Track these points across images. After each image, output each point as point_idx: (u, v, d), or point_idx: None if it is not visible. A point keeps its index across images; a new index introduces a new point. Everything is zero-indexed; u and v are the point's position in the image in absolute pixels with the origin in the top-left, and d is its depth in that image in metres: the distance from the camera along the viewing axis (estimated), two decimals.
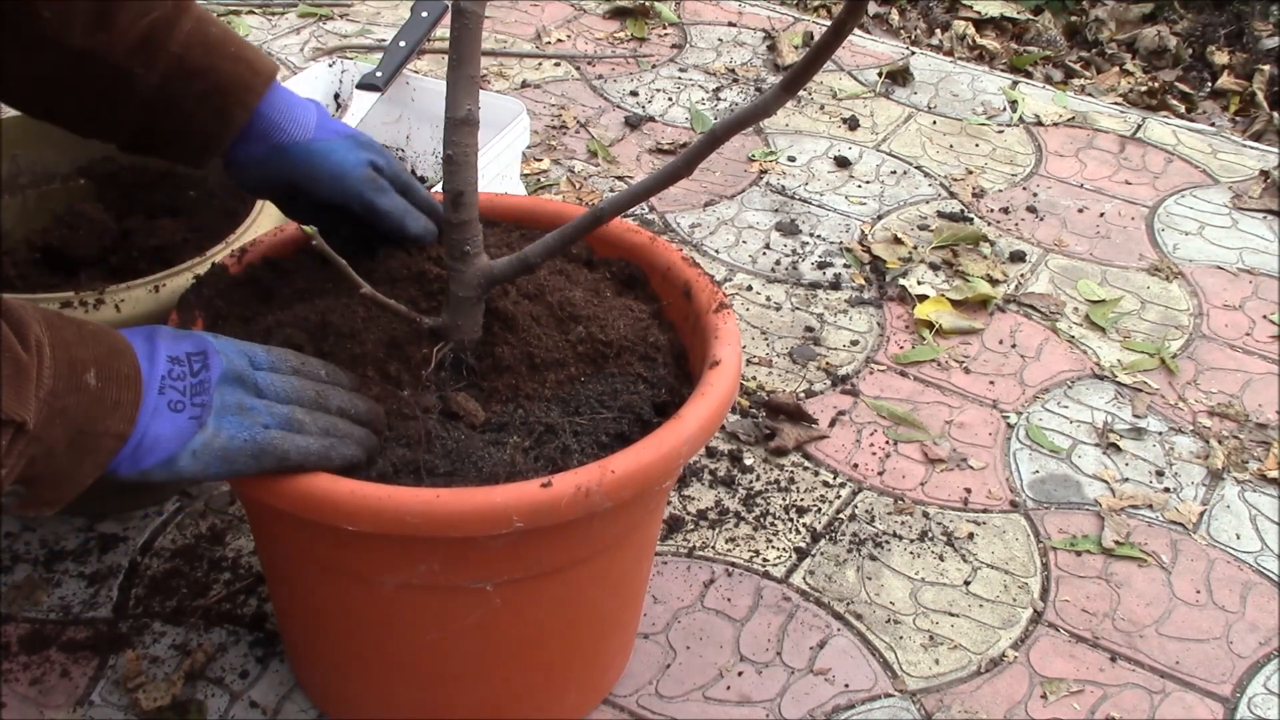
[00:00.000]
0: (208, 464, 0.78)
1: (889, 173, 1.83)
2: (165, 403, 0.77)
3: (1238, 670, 1.13)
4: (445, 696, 0.97)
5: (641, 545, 0.99)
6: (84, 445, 0.73)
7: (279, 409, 0.81)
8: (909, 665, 1.11)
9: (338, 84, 1.63)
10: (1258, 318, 1.59)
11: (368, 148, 0.98)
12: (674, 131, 1.90)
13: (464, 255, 0.89)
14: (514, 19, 2.21)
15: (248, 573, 1.15)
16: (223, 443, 0.78)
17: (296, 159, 0.96)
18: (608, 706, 1.06)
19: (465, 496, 0.80)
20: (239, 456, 0.79)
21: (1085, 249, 1.70)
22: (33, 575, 1.14)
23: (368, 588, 0.89)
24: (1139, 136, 1.97)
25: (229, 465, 0.79)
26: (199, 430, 0.78)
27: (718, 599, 1.17)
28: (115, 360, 0.76)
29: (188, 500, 1.23)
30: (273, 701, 1.05)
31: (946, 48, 2.36)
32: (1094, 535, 1.26)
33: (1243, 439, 1.39)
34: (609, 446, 0.87)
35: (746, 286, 1.58)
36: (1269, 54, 2.30)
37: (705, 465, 1.31)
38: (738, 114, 0.80)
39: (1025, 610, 1.18)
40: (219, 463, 0.78)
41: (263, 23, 2.13)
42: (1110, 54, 2.38)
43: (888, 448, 1.35)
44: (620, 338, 0.95)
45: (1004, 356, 1.49)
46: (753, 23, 2.24)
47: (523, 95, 1.96)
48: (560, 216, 1.06)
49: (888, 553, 1.22)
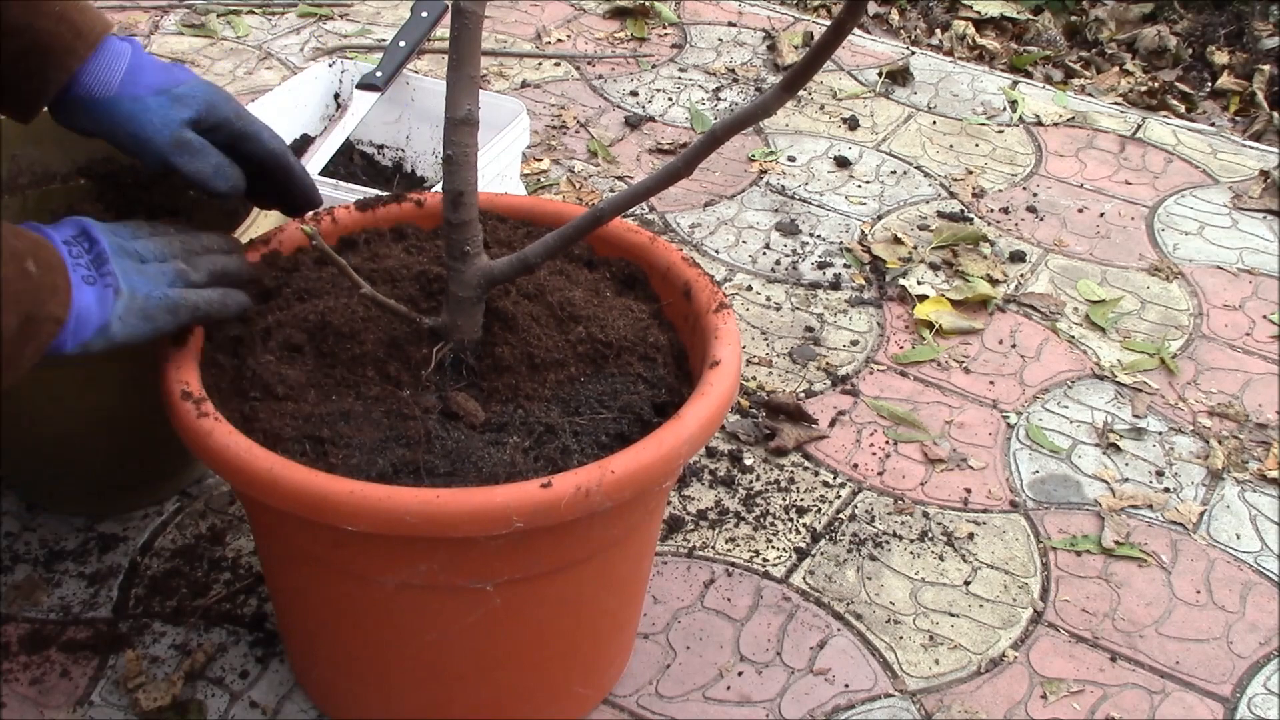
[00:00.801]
0: (134, 326, 0.85)
1: (889, 173, 1.83)
2: (80, 278, 0.83)
3: (1238, 670, 1.13)
4: (445, 696, 0.97)
5: (641, 545, 0.99)
6: (29, 331, 0.78)
7: (166, 266, 0.89)
8: (909, 665, 1.11)
9: (338, 84, 1.63)
10: (1258, 318, 1.59)
11: (182, 102, 0.95)
12: (674, 131, 1.90)
13: (463, 255, 0.89)
14: (514, 19, 2.21)
15: (248, 573, 1.15)
16: (140, 303, 0.85)
17: (102, 118, 0.95)
18: (608, 706, 1.06)
19: (465, 497, 0.80)
20: (158, 313, 0.86)
21: (1085, 249, 1.70)
22: (33, 575, 1.14)
23: (367, 588, 0.89)
24: (1139, 136, 1.97)
25: (151, 323, 0.86)
26: (117, 297, 0.84)
27: (718, 599, 1.17)
28: (42, 250, 0.80)
29: (188, 500, 1.23)
30: (273, 701, 1.05)
31: (946, 48, 2.36)
32: (1094, 535, 1.26)
33: (1243, 439, 1.39)
34: (609, 447, 0.87)
35: (746, 286, 1.58)
36: (1269, 54, 2.30)
37: (705, 465, 1.31)
38: (738, 114, 0.80)
39: (1025, 610, 1.18)
40: (143, 322, 0.85)
41: (263, 23, 2.13)
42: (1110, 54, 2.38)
43: (888, 448, 1.35)
44: (620, 338, 0.95)
45: (1004, 356, 1.49)
46: (753, 23, 2.24)
47: (523, 95, 1.96)
48: (560, 216, 1.06)
49: (888, 553, 1.22)
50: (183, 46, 2.04)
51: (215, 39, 2.07)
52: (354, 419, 0.88)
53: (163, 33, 2.07)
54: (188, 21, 2.11)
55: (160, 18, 2.12)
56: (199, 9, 2.14)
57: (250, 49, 2.05)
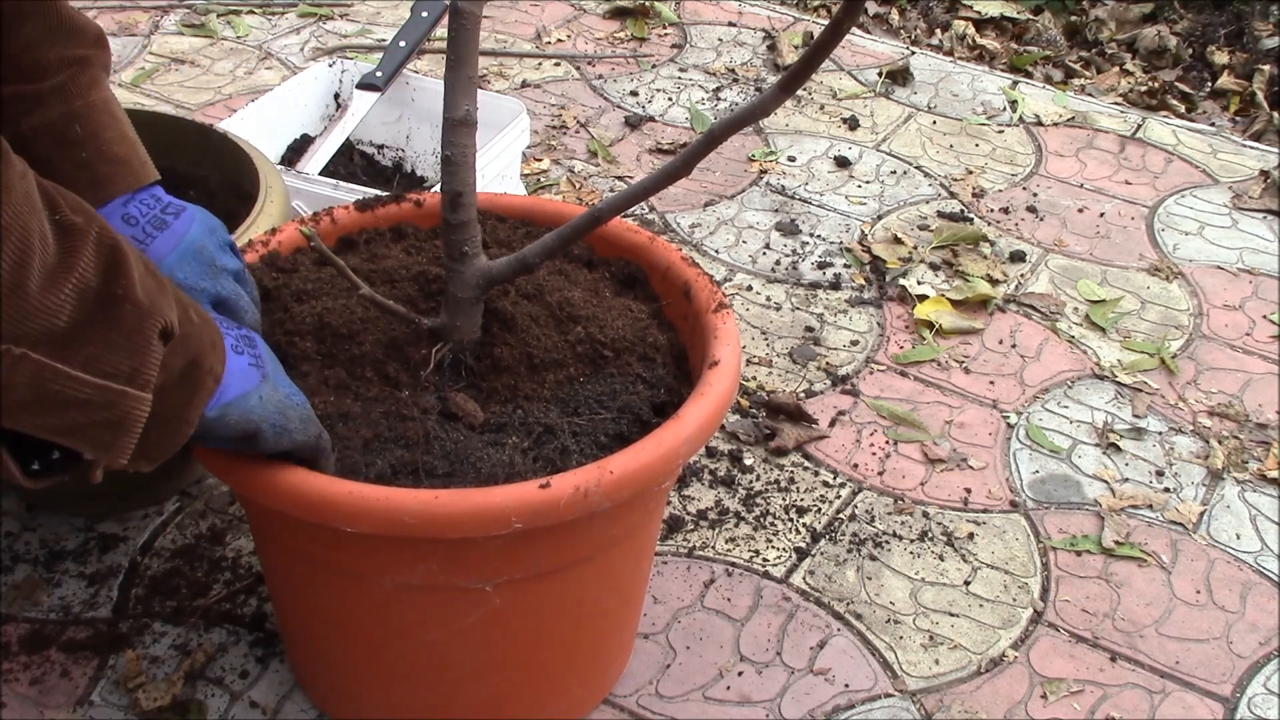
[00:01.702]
0: (269, 413, 0.78)
1: (889, 173, 1.83)
2: (230, 345, 0.78)
3: (1238, 670, 1.13)
4: (445, 696, 0.97)
5: (641, 545, 0.99)
6: (192, 379, 0.73)
7: None
8: (909, 665, 1.11)
9: (338, 84, 1.64)
10: (1258, 318, 1.59)
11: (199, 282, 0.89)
12: (674, 131, 1.90)
13: (462, 256, 0.89)
14: (514, 19, 2.21)
15: (248, 573, 1.15)
16: (281, 397, 0.79)
17: None
18: (608, 706, 1.06)
19: (464, 497, 0.80)
20: (293, 414, 0.80)
21: (1085, 249, 1.69)
22: (33, 575, 1.15)
23: (367, 588, 0.89)
24: (1139, 136, 1.97)
25: (284, 420, 0.79)
26: (262, 379, 0.79)
27: (718, 599, 1.16)
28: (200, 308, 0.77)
29: (188, 500, 1.23)
30: (273, 701, 1.05)
31: (946, 48, 2.36)
32: (1094, 535, 1.26)
33: (1243, 439, 1.39)
34: (608, 447, 0.87)
35: (746, 286, 1.58)
36: (1269, 54, 2.30)
37: (705, 465, 1.31)
38: (737, 114, 0.80)
39: (1025, 610, 1.18)
40: (278, 414, 0.79)
41: (263, 23, 2.13)
42: (1110, 54, 2.38)
43: (888, 448, 1.35)
44: (619, 338, 0.95)
45: (1004, 356, 1.49)
46: (753, 23, 2.24)
47: (523, 95, 1.96)
48: (560, 216, 1.06)
49: (888, 553, 1.22)
50: (183, 46, 2.04)
51: (215, 39, 2.07)
52: (353, 420, 0.88)
53: (163, 33, 2.07)
54: (188, 21, 2.11)
55: (160, 18, 2.12)
56: (199, 9, 2.14)
57: (250, 49, 2.05)
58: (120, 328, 0.66)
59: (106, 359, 0.65)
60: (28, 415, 0.65)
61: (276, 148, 1.57)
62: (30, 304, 0.62)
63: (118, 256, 0.66)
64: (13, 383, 0.62)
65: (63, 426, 0.66)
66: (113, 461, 0.69)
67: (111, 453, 0.68)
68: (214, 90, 1.92)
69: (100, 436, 0.67)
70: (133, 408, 0.67)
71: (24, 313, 0.62)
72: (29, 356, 0.62)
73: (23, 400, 0.63)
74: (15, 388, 0.63)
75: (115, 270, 0.66)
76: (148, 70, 1.96)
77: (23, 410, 0.64)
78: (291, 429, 0.80)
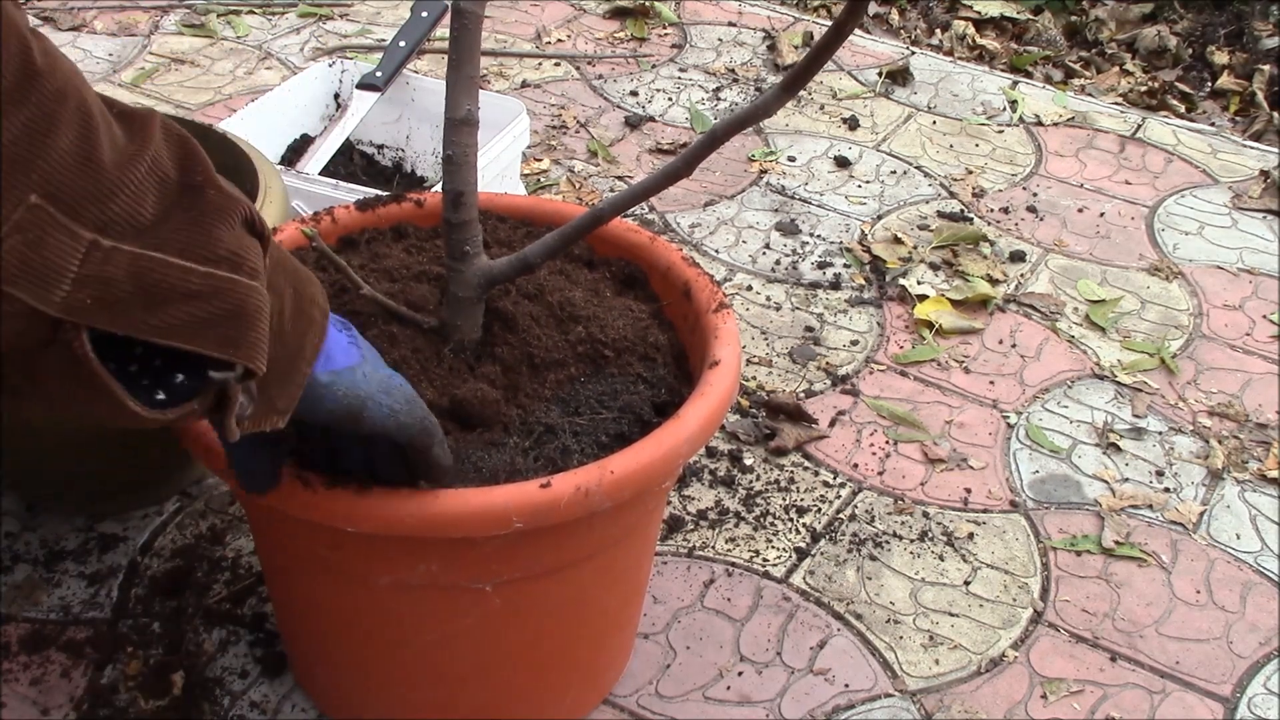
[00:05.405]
0: (373, 390, 0.73)
1: (889, 173, 1.83)
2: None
3: (1238, 670, 1.13)
4: (445, 696, 0.97)
5: (641, 545, 0.99)
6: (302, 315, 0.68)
7: None
8: (909, 665, 1.11)
9: (338, 84, 1.63)
10: (1258, 318, 1.59)
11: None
12: (674, 131, 1.90)
13: (463, 255, 0.89)
14: (514, 19, 2.21)
15: (248, 573, 1.15)
16: (383, 376, 0.75)
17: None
18: (608, 706, 1.06)
19: (464, 497, 0.80)
20: (397, 394, 0.75)
21: (1085, 249, 1.70)
22: (33, 575, 1.14)
23: (367, 588, 0.89)
24: (1139, 136, 1.97)
25: (389, 399, 0.74)
26: (362, 358, 0.74)
27: (718, 599, 1.16)
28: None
29: (188, 500, 1.23)
30: (273, 701, 1.05)
31: (946, 48, 2.36)
32: (1094, 535, 1.26)
33: (1243, 439, 1.39)
34: (608, 447, 0.87)
35: (746, 286, 1.58)
36: (1269, 54, 2.30)
37: (705, 465, 1.31)
38: (738, 114, 0.80)
39: (1025, 610, 1.18)
40: (382, 393, 0.74)
41: (263, 23, 2.13)
42: (1110, 54, 2.38)
43: (888, 448, 1.35)
44: (620, 338, 0.95)
45: (1004, 356, 1.49)
46: (753, 23, 2.24)
47: (523, 95, 1.96)
48: (560, 216, 1.06)
49: (888, 553, 1.22)
50: (183, 46, 2.04)
51: (215, 39, 2.07)
52: None
53: (163, 32, 2.07)
54: (188, 21, 2.11)
55: (160, 18, 2.12)
56: (199, 9, 2.14)
57: (250, 49, 2.04)
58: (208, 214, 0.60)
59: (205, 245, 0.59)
60: (137, 313, 0.57)
61: (276, 148, 1.57)
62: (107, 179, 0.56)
63: (188, 144, 0.62)
64: (112, 276, 0.56)
65: (178, 324, 0.58)
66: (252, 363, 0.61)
67: (241, 349, 0.60)
68: (214, 90, 1.92)
69: (224, 331, 0.60)
70: (247, 295, 0.61)
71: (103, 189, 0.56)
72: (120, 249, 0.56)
73: (127, 296, 0.57)
74: (116, 282, 0.56)
75: (190, 158, 0.61)
76: (147, 70, 1.96)
77: (130, 308, 0.57)
78: (397, 409, 0.74)
